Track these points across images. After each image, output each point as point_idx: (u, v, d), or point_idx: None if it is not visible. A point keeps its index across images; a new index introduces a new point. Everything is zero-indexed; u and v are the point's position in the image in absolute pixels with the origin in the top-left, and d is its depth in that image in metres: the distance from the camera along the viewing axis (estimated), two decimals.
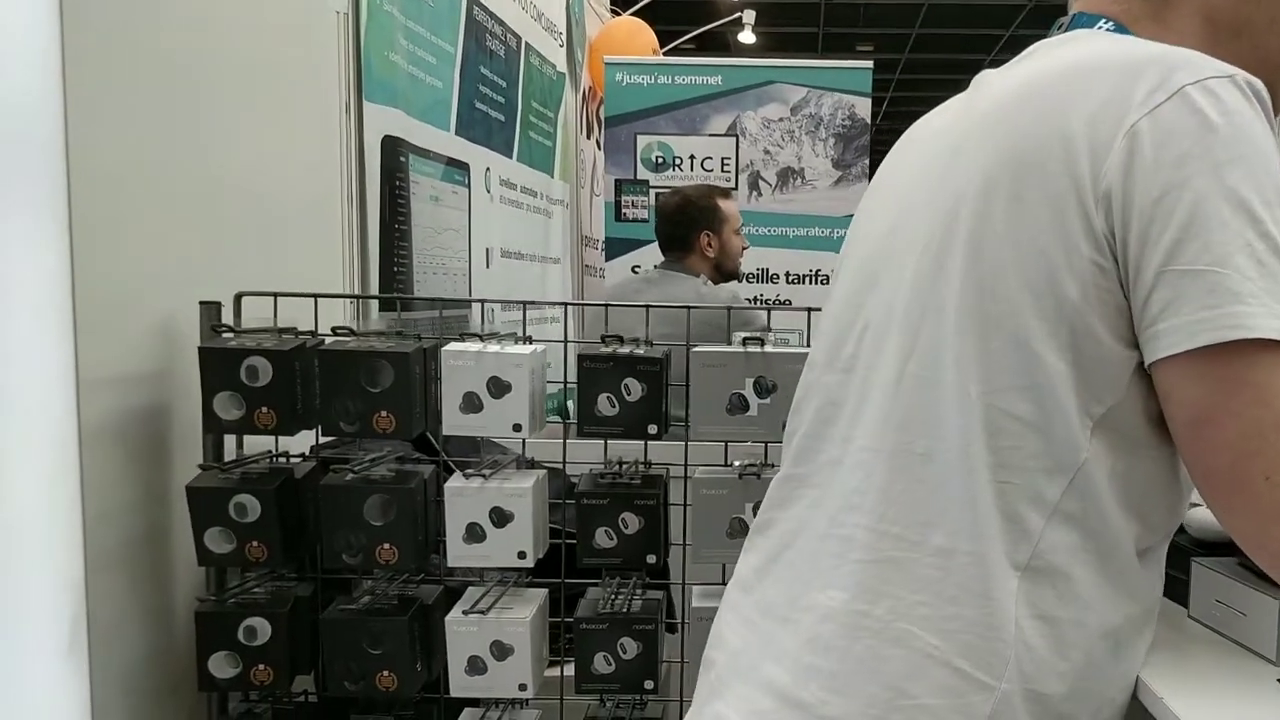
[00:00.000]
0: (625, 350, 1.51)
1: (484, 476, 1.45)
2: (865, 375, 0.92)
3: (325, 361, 1.44)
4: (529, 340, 1.57)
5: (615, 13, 5.04)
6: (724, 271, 3.29)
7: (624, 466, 1.57)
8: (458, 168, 2.82)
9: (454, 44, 2.74)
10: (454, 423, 1.49)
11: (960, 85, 1.04)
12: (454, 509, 1.47)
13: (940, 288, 0.87)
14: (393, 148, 2.31)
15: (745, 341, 1.47)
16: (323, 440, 1.60)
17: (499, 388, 1.48)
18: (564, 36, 4.03)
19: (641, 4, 4.84)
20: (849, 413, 0.93)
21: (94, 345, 1.38)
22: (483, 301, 1.60)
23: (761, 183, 4.39)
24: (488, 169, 3.10)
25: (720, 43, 9.77)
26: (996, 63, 1.03)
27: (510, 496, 1.48)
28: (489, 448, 1.72)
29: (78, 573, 1.11)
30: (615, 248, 4.41)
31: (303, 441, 1.60)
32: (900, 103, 13.83)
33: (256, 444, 1.56)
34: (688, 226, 3.21)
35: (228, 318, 1.54)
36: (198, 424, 1.47)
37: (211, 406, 1.43)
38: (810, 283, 4.45)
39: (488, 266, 3.15)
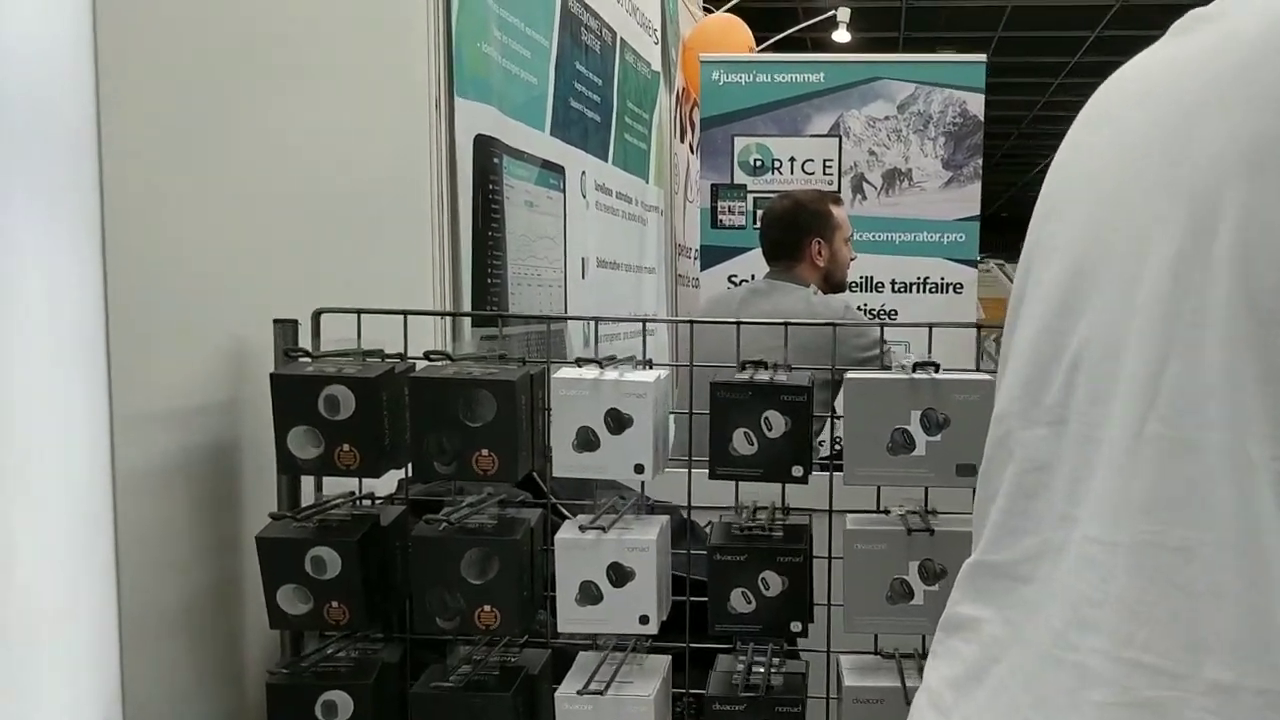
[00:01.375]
0: (765, 377, 1.27)
1: (602, 529, 1.21)
2: (1084, 431, 0.66)
3: (418, 391, 1.22)
4: (649, 365, 1.34)
5: (708, 10, 4.80)
6: (833, 282, 3.03)
7: (759, 512, 1.33)
8: (553, 171, 2.60)
9: (549, 37, 2.52)
10: (566, 463, 1.26)
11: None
12: (566, 566, 1.24)
13: (1191, 309, 0.60)
14: (485, 148, 2.10)
15: (915, 367, 1.21)
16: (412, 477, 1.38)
17: (618, 422, 1.25)
18: (659, 33, 3.81)
19: (734, 2, 4.59)
20: (1064, 482, 0.67)
21: (152, 374, 1.18)
22: (595, 320, 1.37)
23: (866, 185, 4.11)
24: (583, 172, 2.88)
25: (803, 47, 9.50)
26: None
27: (631, 551, 1.24)
28: (602, 486, 1.49)
29: (110, 654, 0.90)
30: (711, 256, 4.17)
31: (389, 478, 1.39)
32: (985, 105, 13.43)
33: (337, 482, 1.34)
34: (799, 233, 2.96)
35: (305, 338, 1.34)
36: (272, 461, 1.26)
37: (285, 444, 1.22)
38: (918, 291, 4.16)
39: (583, 277, 2.93)
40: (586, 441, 1.25)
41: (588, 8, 2.82)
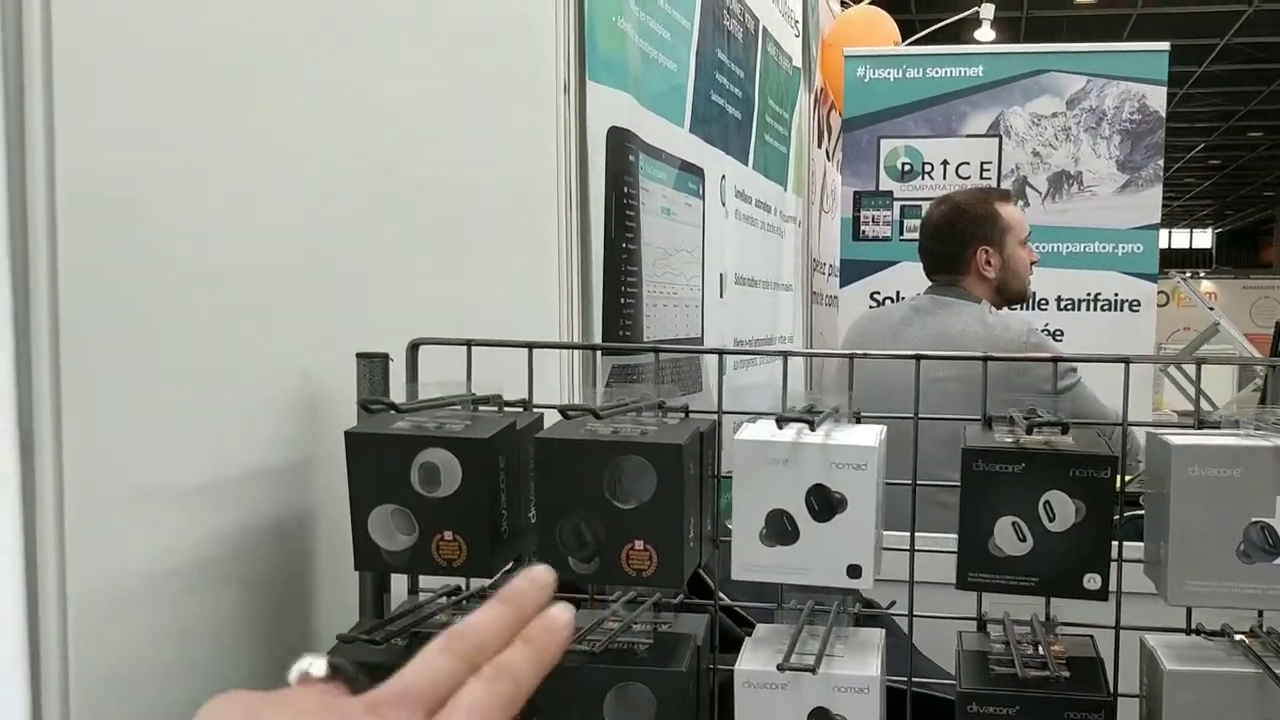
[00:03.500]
0: (1039, 440, 0.87)
1: (810, 669, 0.82)
2: None
3: (547, 457, 0.86)
4: (857, 419, 0.95)
5: (845, 5, 4.38)
6: (1010, 293, 2.56)
7: (1018, 629, 0.92)
8: (691, 173, 2.23)
9: (690, 18, 2.15)
10: (752, 560, 0.88)
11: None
12: (750, 714, 0.85)
13: None
14: (620, 143, 1.74)
15: None
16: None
17: (825, 504, 0.86)
18: (800, 25, 3.41)
19: None
20: None
21: (197, 428, 0.84)
22: (785, 354, 0.98)
23: (1029, 190, 3.64)
24: (723, 176, 2.51)
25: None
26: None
27: (843, 692, 0.85)
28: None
29: None
30: (851, 271, 3.75)
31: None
32: None
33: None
34: (960, 242, 2.50)
35: (398, 379, 0.99)
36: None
37: (365, 529, 0.87)
38: (1088, 309, 3.66)
39: (721, 296, 2.55)
40: (780, 530, 0.87)
41: None
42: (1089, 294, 3.62)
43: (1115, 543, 0.97)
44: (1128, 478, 0.97)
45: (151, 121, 0.79)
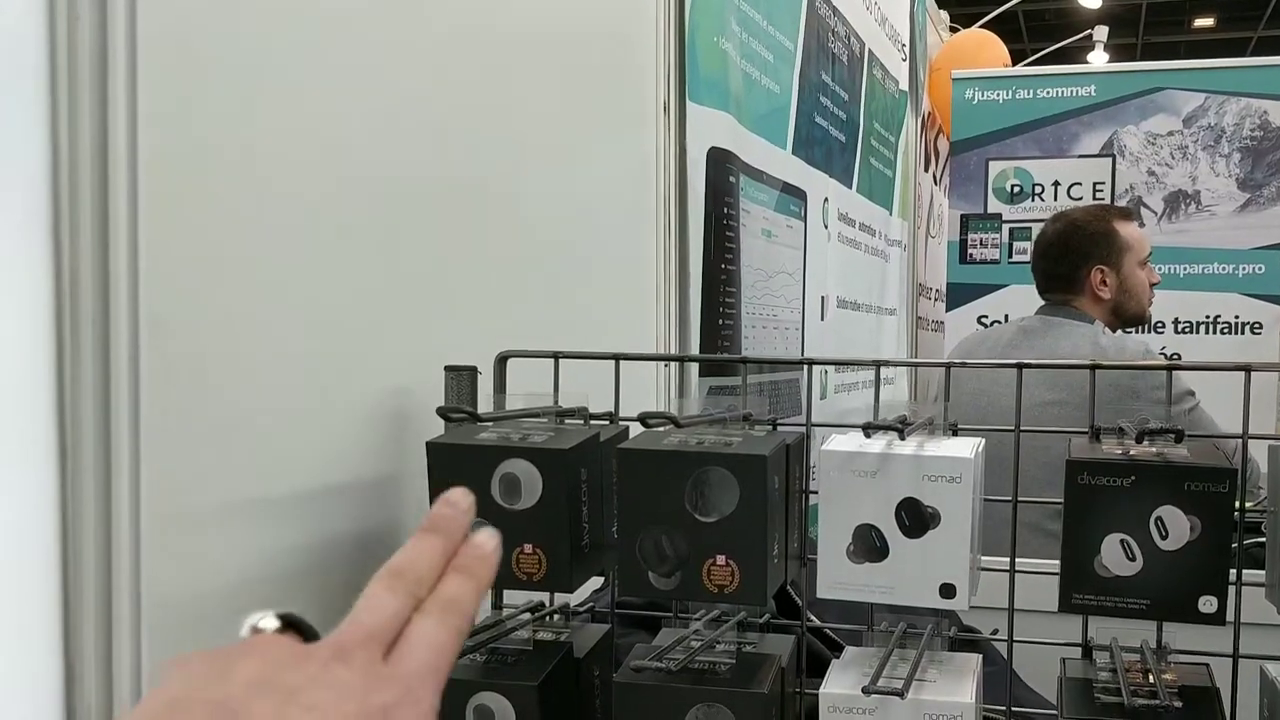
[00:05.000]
0: (1151, 451, 0.78)
1: (897, 693, 0.75)
2: None
3: (627, 467, 0.82)
4: (954, 430, 0.88)
5: (954, 30, 4.26)
6: (1127, 315, 2.39)
7: (1127, 657, 0.84)
8: (793, 195, 2.17)
9: (794, 40, 2.10)
10: (837, 577, 0.82)
11: None
12: None
13: None
14: (720, 163, 1.70)
15: None
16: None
17: (916, 518, 0.80)
18: (907, 49, 3.32)
19: (990, 18, 4.04)
20: None
21: (282, 441, 0.83)
22: (879, 363, 0.92)
23: (1145, 210, 3.45)
24: (826, 199, 2.44)
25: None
26: None
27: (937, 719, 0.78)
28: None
29: None
30: (958, 295, 3.62)
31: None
32: None
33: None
34: (1074, 261, 2.36)
35: (485, 390, 0.96)
36: None
37: None
38: (1207, 331, 3.45)
39: (823, 319, 2.48)
40: (869, 546, 0.81)
41: (836, 11, 2.39)
42: (1208, 316, 3.42)
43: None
44: (1247, 503, 0.88)
45: (242, 128, 0.78)
